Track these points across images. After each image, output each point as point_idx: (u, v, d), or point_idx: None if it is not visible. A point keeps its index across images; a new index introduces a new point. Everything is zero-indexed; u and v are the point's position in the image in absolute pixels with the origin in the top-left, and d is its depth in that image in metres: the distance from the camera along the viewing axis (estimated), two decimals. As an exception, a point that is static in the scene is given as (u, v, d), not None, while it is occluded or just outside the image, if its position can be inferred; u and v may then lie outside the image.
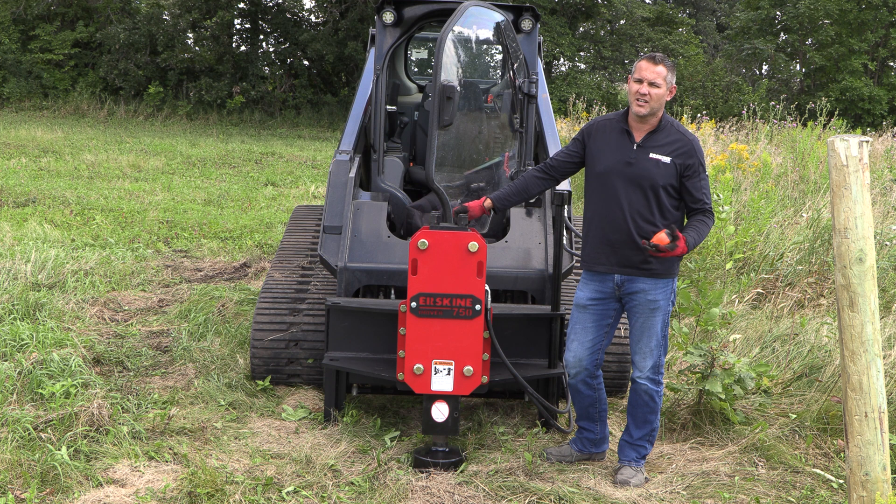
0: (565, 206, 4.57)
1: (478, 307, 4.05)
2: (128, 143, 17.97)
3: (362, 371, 4.47)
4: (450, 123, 4.36)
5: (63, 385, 4.63)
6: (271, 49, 28.92)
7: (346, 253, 4.87)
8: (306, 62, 27.94)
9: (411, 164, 6.53)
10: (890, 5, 28.48)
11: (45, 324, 5.70)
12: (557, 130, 6.00)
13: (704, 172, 3.97)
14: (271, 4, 28.37)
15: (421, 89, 7.72)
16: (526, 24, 5.65)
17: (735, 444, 4.48)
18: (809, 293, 6.82)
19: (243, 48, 28.67)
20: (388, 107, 6.21)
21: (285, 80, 26.97)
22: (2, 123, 20.22)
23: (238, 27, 28.80)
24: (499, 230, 5.38)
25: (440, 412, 4.10)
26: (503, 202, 4.39)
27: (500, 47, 6.72)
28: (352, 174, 5.18)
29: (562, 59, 29.86)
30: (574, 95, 21.60)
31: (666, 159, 3.93)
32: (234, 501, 3.67)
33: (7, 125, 19.80)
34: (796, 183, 10.66)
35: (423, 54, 12.77)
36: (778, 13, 30.47)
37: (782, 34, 31.49)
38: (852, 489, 3.44)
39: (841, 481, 4.12)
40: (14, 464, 3.82)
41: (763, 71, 32.99)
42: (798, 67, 30.86)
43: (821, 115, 13.52)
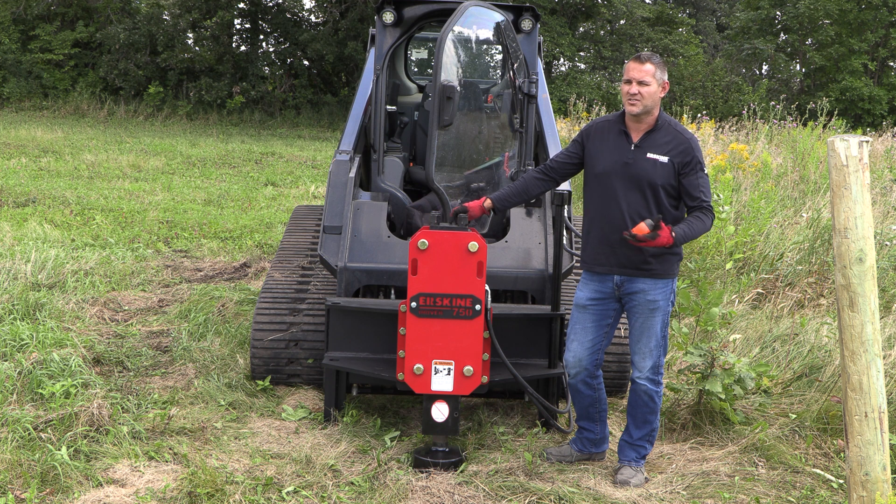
0: (565, 206, 4.57)
1: (478, 307, 4.05)
2: (128, 143, 17.97)
3: (362, 371, 4.47)
4: (450, 123, 4.36)
5: (63, 385, 4.63)
6: (271, 49, 28.93)
7: (346, 253, 4.87)
8: (306, 62, 27.95)
9: (411, 164, 6.52)
10: (890, 5, 28.49)
11: (45, 324, 5.70)
12: (557, 130, 6.00)
13: (703, 170, 3.97)
14: (271, 4, 28.38)
15: (421, 89, 7.72)
16: (526, 24, 5.65)
17: (735, 444, 4.48)
18: (809, 293, 6.82)
19: (243, 48, 28.68)
20: (388, 107, 6.21)
21: (285, 80, 26.97)
22: (2, 123, 20.22)
23: (238, 27, 28.82)
24: (499, 230, 5.37)
25: (440, 412, 4.10)
26: (503, 203, 4.39)
27: (500, 47, 6.72)
28: (352, 174, 5.18)
29: (562, 59, 29.87)
30: (574, 95, 21.58)
31: (664, 159, 3.94)
32: (234, 501, 3.67)
33: (7, 125, 19.79)
34: (796, 183, 10.66)
35: (423, 54, 12.76)
36: (778, 13, 30.49)
37: (782, 34, 31.50)
38: (852, 489, 3.44)
39: (841, 481, 4.12)
40: (14, 464, 3.82)
41: (763, 71, 33.00)
42: (798, 67, 30.88)
43: (821, 115, 13.51)
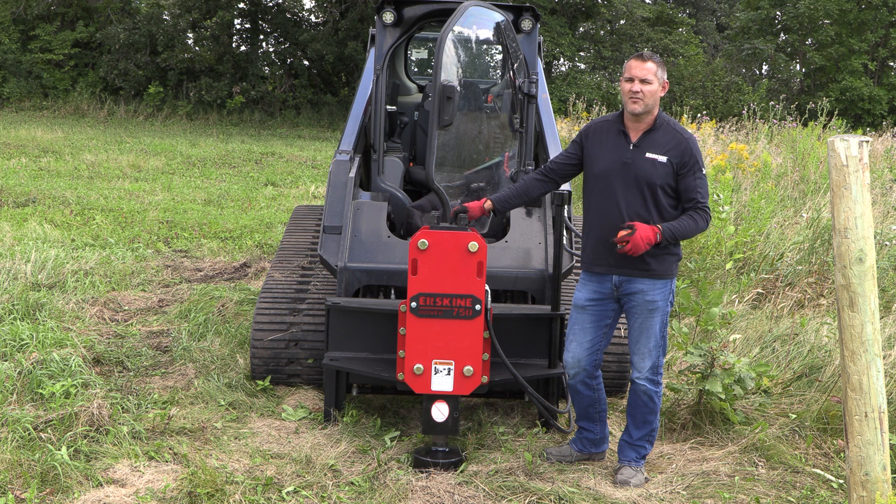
0: (565, 206, 4.57)
1: (478, 307, 4.05)
2: (128, 143, 17.97)
3: (362, 371, 4.47)
4: (450, 123, 4.36)
5: (63, 385, 4.63)
6: (271, 49, 28.94)
7: (346, 253, 4.87)
8: (306, 62, 27.96)
9: (411, 164, 6.52)
10: (890, 5, 28.50)
11: (45, 324, 5.70)
12: (557, 130, 6.00)
13: (700, 171, 3.97)
14: (271, 4, 28.38)
15: (421, 89, 7.72)
16: (526, 24, 5.65)
17: (735, 444, 4.48)
18: (809, 293, 6.82)
19: (243, 48, 28.69)
20: (388, 107, 6.21)
21: (285, 80, 26.97)
22: (2, 123, 20.22)
23: (238, 27, 28.82)
24: (499, 230, 5.37)
25: (440, 412, 4.10)
26: (503, 204, 4.39)
27: (500, 47, 6.72)
28: (352, 174, 5.18)
29: (562, 59, 29.88)
30: (574, 95, 21.58)
31: (662, 159, 3.94)
32: (234, 501, 3.67)
33: (7, 125, 19.79)
34: (796, 183, 10.66)
35: (423, 54, 12.76)
36: (778, 13, 30.49)
37: (782, 34, 31.51)
38: (852, 489, 3.44)
39: (841, 481, 4.12)
40: (14, 464, 3.82)
41: (763, 71, 33.01)
42: (798, 67, 30.88)
43: (821, 115, 13.50)
